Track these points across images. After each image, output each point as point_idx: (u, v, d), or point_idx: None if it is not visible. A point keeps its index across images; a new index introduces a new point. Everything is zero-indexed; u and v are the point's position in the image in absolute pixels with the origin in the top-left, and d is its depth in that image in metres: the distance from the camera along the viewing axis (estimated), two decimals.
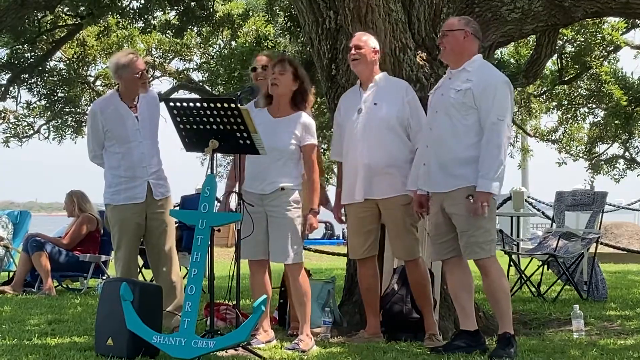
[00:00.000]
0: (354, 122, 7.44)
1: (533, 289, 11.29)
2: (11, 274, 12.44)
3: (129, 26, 16.89)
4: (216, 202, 7.04)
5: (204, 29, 16.77)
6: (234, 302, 7.12)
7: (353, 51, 7.45)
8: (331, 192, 7.69)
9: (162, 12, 15.85)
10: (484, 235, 6.78)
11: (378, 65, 7.57)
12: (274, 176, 7.14)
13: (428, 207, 7.09)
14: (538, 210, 18.41)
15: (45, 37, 16.08)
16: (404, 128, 7.41)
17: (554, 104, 18.96)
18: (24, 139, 18.53)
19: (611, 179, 19.22)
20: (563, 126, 19.64)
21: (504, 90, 6.80)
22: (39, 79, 17.02)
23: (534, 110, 19.19)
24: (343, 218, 7.72)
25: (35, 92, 17.28)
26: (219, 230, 6.71)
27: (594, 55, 16.18)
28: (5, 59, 16.15)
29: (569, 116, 19.02)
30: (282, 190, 7.12)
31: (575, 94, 18.24)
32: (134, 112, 7.85)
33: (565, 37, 15.80)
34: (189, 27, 15.81)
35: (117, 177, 7.86)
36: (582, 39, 15.96)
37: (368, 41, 7.49)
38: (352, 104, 7.54)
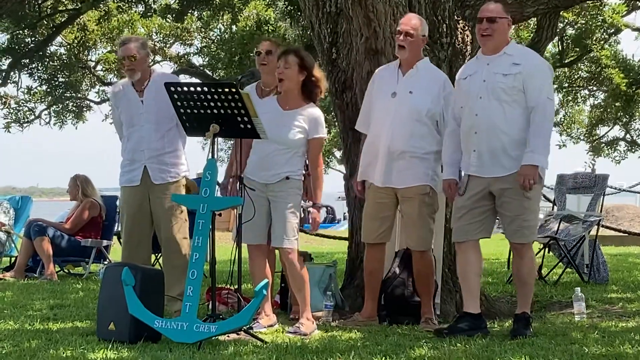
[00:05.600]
0: (387, 105, 7.39)
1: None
2: (13, 259, 12.46)
3: (129, 10, 16.88)
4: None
5: (204, 13, 16.78)
6: (236, 287, 7.12)
7: (402, 37, 7.35)
8: (332, 176, 7.71)
9: None
10: (534, 220, 7.01)
11: (421, 51, 7.51)
12: (280, 167, 7.15)
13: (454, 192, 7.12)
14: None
15: (45, 22, 16.08)
16: (435, 121, 7.35)
17: (555, 86, 18.94)
18: (25, 124, 18.55)
19: (612, 161, 19.25)
20: (564, 109, 19.65)
21: (551, 74, 7.10)
22: (40, 64, 17.03)
23: None
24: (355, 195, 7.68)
25: (36, 77, 17.30)
26: (220, 215, 6.72)
27: (594, 38, 16.18)
28: (5, 44, 16.16)
29: (570, 99, 19.03)
30: (287, 179, 7.15)
31: (575, 77, 18.26)
32: (140, 97, 7.86)
33: (566, 20, 15.79)
34: (190, 11, 15.82)
35: (123, 159, 7.98)
36: (583, 22, 15.95)
37: (420, 28, 7.39)
38: (387, 84, 7.46)
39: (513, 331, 6.79)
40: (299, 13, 13.34)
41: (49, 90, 17.62)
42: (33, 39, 16.28)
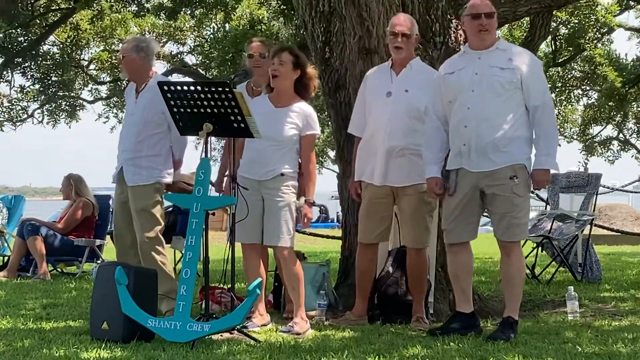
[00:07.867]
0: (383, 104, 7.38)
1: (527, 271, 11.27)
2: (5, 258, 12.44)
3: (122, 9, 16.87)
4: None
5: (197, 12, 16.76)
6: (229, 286, 7.12)
7: (399, 39, 7.33)
8: (325, 175, 7.76)
9: None
10: (524, 217, 6.88)
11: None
12: (274, 164, 7.14)
13: (443, 191, 7.02)
14: (532, 192, 18.44)
15: (38, 21, 16.07)
16: None
17: (548, 86, 18.98)
18: (18, 123, 18.54)
19: (605, 160, 19.27)
20: (557, 108, 19.67)
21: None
22: (33, 63, 17.02)
23: None
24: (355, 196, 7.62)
25: (29, 76, 17.29)
26: (213, 214, 6.72)
27: (587, 37, 16.20)
28: None
29: (563, 98, 19.05)
30: (281, 176, 7.14)
31: (569, 76, 18.27)
32: (136, 98, 7.88)
33: (559, 19, 15.81)
34: (183, 9, 15.80)
35: None
36: (576, 21, 15.97)
37: (413, 28, 7.40)
38: (380, 84, 7.44)
39: (492, 334, 6.67)
40: (292, 12, 13.34)
41: (42, 89, 17.61)
42: (26, 38, 16.27)
